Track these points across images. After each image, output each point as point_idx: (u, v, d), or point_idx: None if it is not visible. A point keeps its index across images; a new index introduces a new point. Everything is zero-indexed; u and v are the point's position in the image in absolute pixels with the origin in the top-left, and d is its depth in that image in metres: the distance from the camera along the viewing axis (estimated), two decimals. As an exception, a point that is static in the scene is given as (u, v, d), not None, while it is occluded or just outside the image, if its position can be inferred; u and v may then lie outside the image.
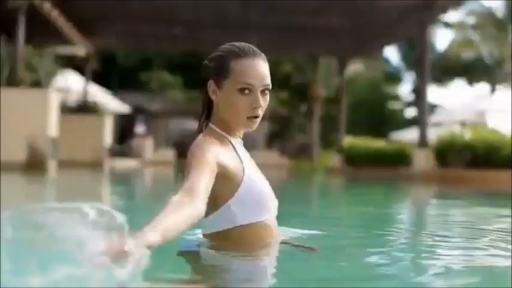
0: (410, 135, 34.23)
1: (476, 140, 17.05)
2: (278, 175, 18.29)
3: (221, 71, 2.75)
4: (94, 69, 28.51)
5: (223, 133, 2.80)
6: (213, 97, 2.79)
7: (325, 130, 37.29)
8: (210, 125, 2.82)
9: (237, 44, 2.82)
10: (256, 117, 2.75)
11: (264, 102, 2.76)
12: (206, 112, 2.86)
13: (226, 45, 2.82)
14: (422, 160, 18.65)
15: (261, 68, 2.76)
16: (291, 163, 31.07)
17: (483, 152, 16.64)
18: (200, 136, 2.74)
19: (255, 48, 2.81)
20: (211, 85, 2.78)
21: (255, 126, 2.80)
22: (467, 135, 17.69)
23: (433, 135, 19.96)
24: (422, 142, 19.61)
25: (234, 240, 2.71)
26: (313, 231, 3.36)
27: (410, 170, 19.08)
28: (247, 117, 2.74)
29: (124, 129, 38.47)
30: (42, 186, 12.08)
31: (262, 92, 2.75)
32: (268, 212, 2.79)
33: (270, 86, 2.78)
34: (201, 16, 23.56)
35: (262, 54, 2.81)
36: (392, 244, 3.37)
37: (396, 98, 52.01)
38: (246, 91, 2.71)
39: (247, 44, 2.83)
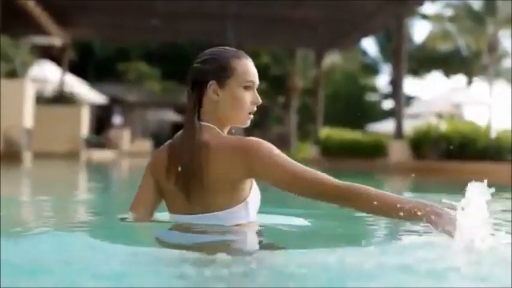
0: (387, 126, 34.39)
1: (451, 132, 17.19)
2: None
3: (223, 71, 2.87)
4: (71, 60, 28.36)
5: (219, 130, 2.91)
6: (214, 97, 2.88)
7: (303, 121, 37.37)
8: (206, 123, 2.89)
9: (227, 48, 2.98)
10: (252, 113, 2.93)
11: None
12: (198, 112, 2.91)
13: (218, 49, 2.97)
14: (398, 151, 18.75)
15: (254, 68, 2.95)
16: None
17: (458, 144, 16.78)
18: (215, 133, 2.88)
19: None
20: (212, 85, 2.86)
21: (249, 122, 2.95)
22: (443, 127, 17.82)
23: (410, 127, 20.09)
24: (398, 133, 19.70)
25: None
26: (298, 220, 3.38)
27: (386, 162, 19.18)
28: (249, 113, 2.92)
29: (101, 120, 38.35)
30: (14, 177, 12.02)
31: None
32: None
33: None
34: (179, 7, 23.51)
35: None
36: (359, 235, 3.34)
37: (373, 89, 52.14)
38: (249, 88, 2.89)
39: (235, 49, 2.99)
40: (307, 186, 2.73)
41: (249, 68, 2.90)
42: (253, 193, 2.86)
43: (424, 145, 17.50)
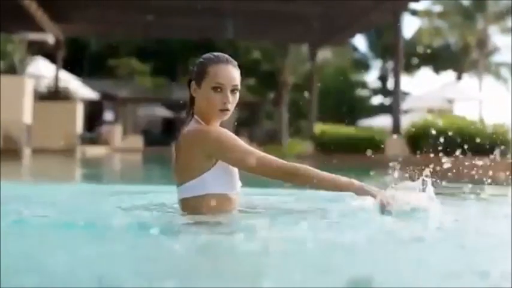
0: (378, 122, 34.50)
1: (448, 127, 17.30)
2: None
3: (200, 74, 3.44)
4: (64, 56, 28.32)
5: (203, 123, 3.45)
6: (194, 94, 3.47)
7: (293, 117, 37.45)
8: (195, 116, 3.47)
9: (215, 53, 3.50)
10: (227, 110, 3.40)
11: (233, 99, 3.42)
12: (191, 107, 3.52)
13: (208, 55, 3.50)
14: (396, 146, 18.86)
15: (231, 72, 3.44)
16: (261, 150, 31.05)
17: (456, 139, 16.90)
18: (194, 124, 3.45)
19: (229, 57, 3.49)
20: (192, 85, 3.47)
21: (226, 117, 3.45)
22: (440, 122, 17.94)
23: (403, 122, 20.25)
24: (396, 128, 19.79)
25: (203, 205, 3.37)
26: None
27: (384, 157, 19.28)
28: (220, 110, 3.39)
29: (92, 116, 38.28)
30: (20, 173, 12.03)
31: (232, 91, 3.41)
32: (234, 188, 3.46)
33: (239, 87, 3.45)
34: (173, 3, 23.53)
35: (234, 62, 3.50)
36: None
37: (364, 85, 52.24)
38: (218, 89, 3.39)
39: (223, 54, 3.51)
40: (259, 166, 3.31)
41: (221, 72, 3.41)
42: (215, 169, 3.35)
43: (422, 140, 17.60)
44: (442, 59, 41.95)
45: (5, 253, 2.34)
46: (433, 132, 17.29)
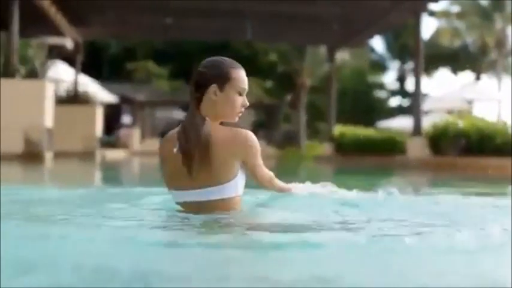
0: (397, 123, 34.42)
1: (470, 128, 17.23)
2: (267, 164, 18.24)
3: (222, 78, 3.53)
4: (82, 60, 28.39)
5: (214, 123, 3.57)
6: (213, 97, 3.53)
7: (310, 119, 37.36)
8: (206, 117, 3.52)
9: (226, 58, 3.64)
10: (240, 113, 3.62)
11: None
12: (197, 108, 3.57)
13: (219, 59, 3.62)
14: (417, 148, 18.81)
15: (246, 77, 3.64)
16: (280, 152, 30.99)
17: (477, 140, 16.81)
18: (217, 127, 3.55)
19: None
20: (212, 88, 3.52)
21: (237, 119, 3.63)
22: (461, 123, 17.87)
23: (423, 123, 20.19)
24: (417, 130, 19.73)
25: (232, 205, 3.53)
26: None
27: (405, 158, 19.23)
28: (237, 113, 3.59)
29: (110, 119, 38.37)
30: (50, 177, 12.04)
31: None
32: None
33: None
34: (191, 5, 23.55)
35: None
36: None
37: (381, 86, 52.09)
38: (241, 93, 3.57)
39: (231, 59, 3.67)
40: (262, 176, 3.67)
41: (242, 77, 3.58)
42: (241, 173, 3.52)
43: (443, 141, 17.53)
44: (460, 59, 41.75)
45: (7, 254, 2.31)
46: (454, 133, 17.31)
